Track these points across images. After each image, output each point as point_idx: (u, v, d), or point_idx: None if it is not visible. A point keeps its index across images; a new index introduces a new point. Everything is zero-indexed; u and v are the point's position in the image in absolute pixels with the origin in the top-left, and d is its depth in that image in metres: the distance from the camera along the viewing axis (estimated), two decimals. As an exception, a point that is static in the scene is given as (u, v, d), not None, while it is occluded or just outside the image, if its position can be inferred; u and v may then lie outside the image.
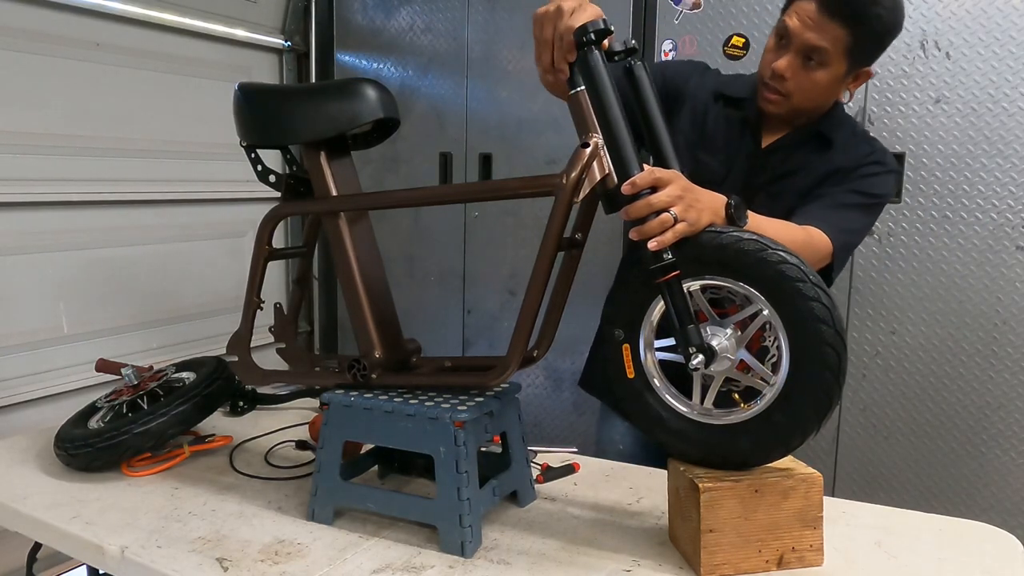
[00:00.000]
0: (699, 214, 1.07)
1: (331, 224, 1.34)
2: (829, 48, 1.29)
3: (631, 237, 1.07)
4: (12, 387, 1.96)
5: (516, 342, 1.17)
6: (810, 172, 1.41)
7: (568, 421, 2.58)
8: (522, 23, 2.48)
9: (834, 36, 1.28)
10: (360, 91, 1.30)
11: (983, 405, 2.06)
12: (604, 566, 1.12)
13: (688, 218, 1.05)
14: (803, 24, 1.30)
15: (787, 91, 1.35)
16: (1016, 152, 1.96)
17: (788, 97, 1.36)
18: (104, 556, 1.19)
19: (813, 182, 1.40)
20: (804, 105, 1.38)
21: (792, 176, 1.42)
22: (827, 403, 1.01)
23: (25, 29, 1.94)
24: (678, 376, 1.15)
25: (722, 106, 1.46)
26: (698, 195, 1.09)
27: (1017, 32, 1.93)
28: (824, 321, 1.00)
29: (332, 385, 1.33)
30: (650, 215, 1.05)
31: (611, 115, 1.08)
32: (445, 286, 2.73)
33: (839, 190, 1.38)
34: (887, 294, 2.12)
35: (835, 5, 1.27)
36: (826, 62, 1.31)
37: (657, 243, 1.04)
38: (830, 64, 1.32)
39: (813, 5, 1.29)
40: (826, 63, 1.31)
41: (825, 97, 1.38)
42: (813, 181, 1.40)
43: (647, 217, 1.05)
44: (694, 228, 1.06)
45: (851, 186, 1.38)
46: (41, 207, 2.00)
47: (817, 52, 1.30)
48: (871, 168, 1.39)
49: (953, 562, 1.13)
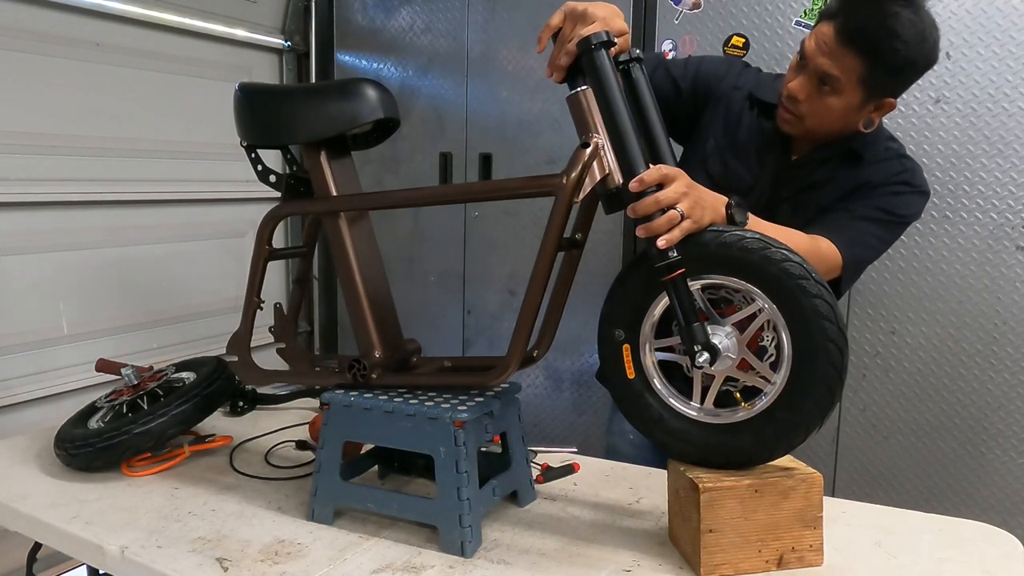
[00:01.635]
0: (703, 212, 1.07)
1: (331, 224, 1.34)
2: (841, 77, 1.25)
3: (638, 234, 1.07)
4: (12, 387, 1.96)
5: (516, 342, 1.17)
6: (836, 186, 1.38)
7: (568, 421, 2.58)
8: (522, 23, 2.48)
9: (848, 65, 1.24)
10: (360, 91, 1.30)
11: (983, 405, 2.06)
12: (604, 566, 1.12)
13: (694, 215, 1.06)
14: (818, 48, 1.25)
15: (800, 113, 1.32)
16: (1016, 152, 1.96)
17: (801, 119, 1.33)
18: (104, 556, 1.19)
19: (838, 196, 1.37)
20: (818, 129, 1.34)
21: (818, 189, 1.39)
22: (830, 399, 1.02)
23: (25, 29, 1.94)
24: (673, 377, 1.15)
25: (756, 113, 1.43)
26: (701, 193, 1.09)
27: (1017, 32, 1.93)
28: (827, 318, 1.01)
29: (332, 385, 1.33)
30: (657, 212, 1.05)
31: (617, 114, 1.09)
32: (445, 286, 2.73)
33: (860, 204, 1.35)
34: (887, 294, 2.12)
35: (850, 33, 1.22)
36: (839, 90, 1.27)
37: (666, 240, 1.04)
38: (843, 92, 1.27)
39: (831, 30, 1.24)
40: (839, 91, 1.27)
41: (840, 124, 1.33)
42: (838, 195, 1.37)
43: (654, 214, 1.05)
44: (699, 225, 1.07)
45: (874, 202, 1.35)
46: (41, 207, 2.00)
47: (829, 79, 1.26)
48: (898, 188, 1.36)
49: (953, 562, 1.13)
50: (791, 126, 1.35)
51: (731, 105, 1.45)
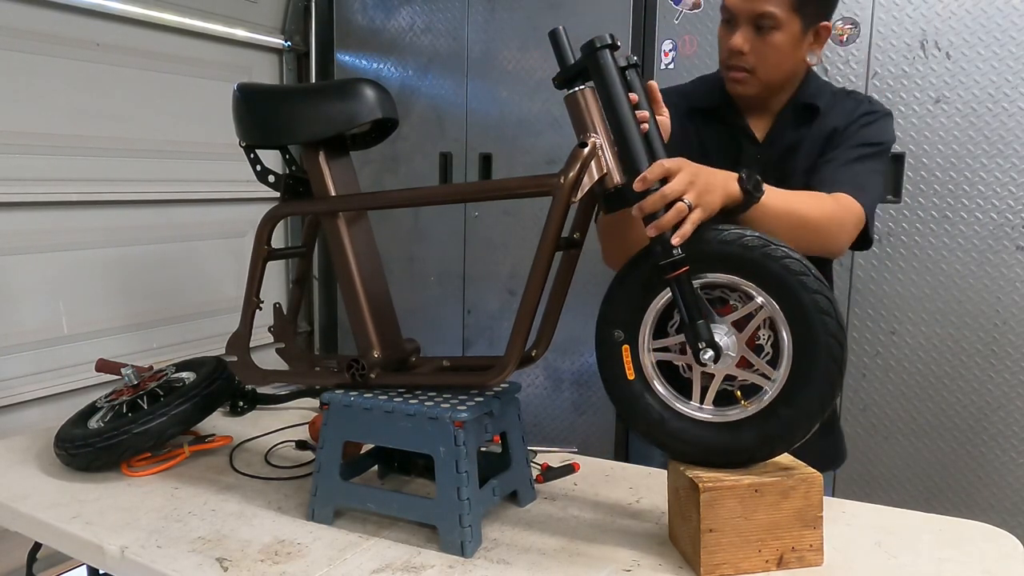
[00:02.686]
0: (712, 197, 1.07)
1: (329, 224, 1.34)
2: (776, 11, 1.27)
3: (648, 234, 1.06)
4: (12, 387, 1.96)
5: (514, 342, 1.17)
6: (809, 144, 1.38)
7: (568, 421, 2.58)
8: (522, 23, 2.48)
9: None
10: (358, 91, 1.30)
11: (983, 405, 2.06)
12: (604, 566, 1.12)
13: (703, 203, 1.05)
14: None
15: (750, 66, 1.33)
16: (1016, 152, 1.96)
17: (753, 72, 1.34)
18: (104, 556, 1.19)
19: (815, 153, 1.38)
20: (772, 76, 1.35)
21: (793, 155, 1.40)
22: (831, 394, 1.03)
23: (25, 29, 1.94)
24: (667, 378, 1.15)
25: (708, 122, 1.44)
26: (708, 177, 1.08)
27: (1017, 32, 1.93)
28: (827, 313, 1.02)
29: (331, 385, 1.33)
30: (663, 208, 1.04)
31: (622, 113, 1.09)
32: (445, 286, 2.73)
33: (841, 150, 1.34)
34: (887, 294, 2.12)
35: None
36: (778, 24, 1.29)
37: (679, 236, 1.04)
38: (783, 26, 1.29)
39: None
40: (778, 25, 1.29)
41: (790, 63, 1.35)
42: (815, 152, 1.38)
43: (660, 210, 1.05)
44: (710, 213, 1.06)
45: (852, 142, 1.34)
46: (41, 207, 2.00)
47: (765, 17, 1.28)
48: (865, 119, 1.36)
49: (953, 562, 1.13)
50: (744, 85, 1.36)
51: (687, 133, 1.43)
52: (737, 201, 1.12)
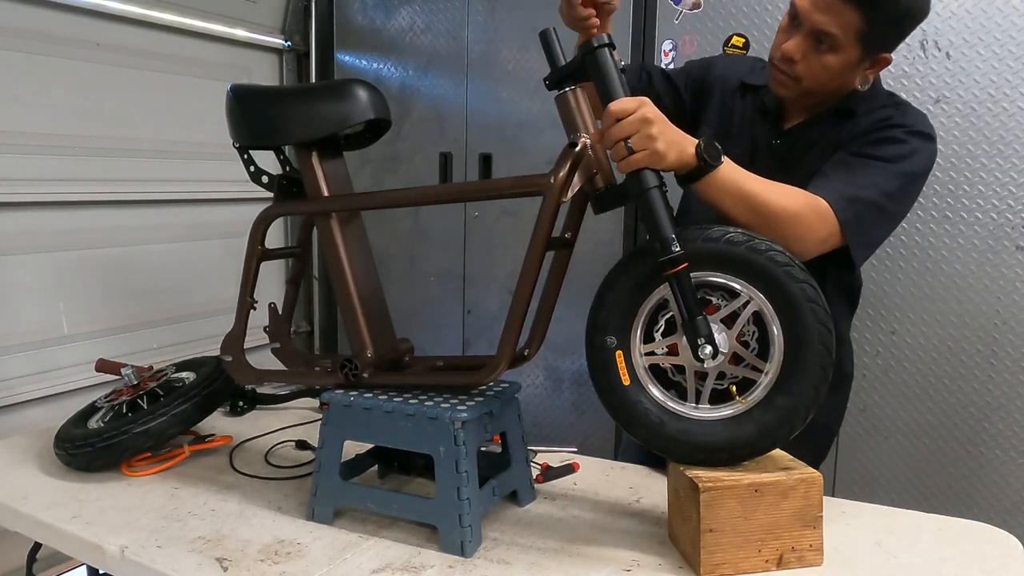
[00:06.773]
0: (660, 146, 1.06)
1: (323, 224, 1.34)
2: (839, 34, 1.20)
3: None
4: (12, 387, 1.96)
5: (505, 341, 1.17)
6: (827, 144, 1.31)
7: (568, 421, 2.58)
8: (522, 23, 2.48)
9: (845, 20, 1.19)
10: (351, 92, 1.30)
11: (983, 405, 2.06)
12: (604, 566, 1.12)
13: (649, 149, 1.06)
14: (814, 5, 1.20)
15: (796, 74, 1.27)
16: (1016, 152, 1.96)
17: (798, 80, 1.28)
18: (104, 556, 1.19)
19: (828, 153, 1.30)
20: (815, 89, 1.29)
21: (808, 151, 1.34)
22: (824, 378, 1.05)
23: (25, 29, 1.94)
24: None
25: (748, 97, 1.41)
26: (664, 127, 1.07)
27: (1017, 32, 1.93)
28: (814, 301, 1.05)
29: (325, 384, 1.33)
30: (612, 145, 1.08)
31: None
32: (445, 286, 2.73)
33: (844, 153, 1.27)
34: (887, 294, 2.12)
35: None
36: (837, 47, 1.22)
37: (620, 169, 1.08)
38: (841, 49, 1.22)
39: None
40: (837, 48, 1.22)
41: (837, 82, 1.28)
42: (828, 153, 1.30)
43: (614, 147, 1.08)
44: (654, 163, 1.07)
45: (857, 149, 1.26)
46: (41, 207, 2.00)
47: (827, 37, 1.21)
48: (887, 132, 1.26)
49: (953, 562, 1.13)
50: (786, 88, 1.31)
51: (725, 95, 1.44)
52: (690, 165, 1.10)
